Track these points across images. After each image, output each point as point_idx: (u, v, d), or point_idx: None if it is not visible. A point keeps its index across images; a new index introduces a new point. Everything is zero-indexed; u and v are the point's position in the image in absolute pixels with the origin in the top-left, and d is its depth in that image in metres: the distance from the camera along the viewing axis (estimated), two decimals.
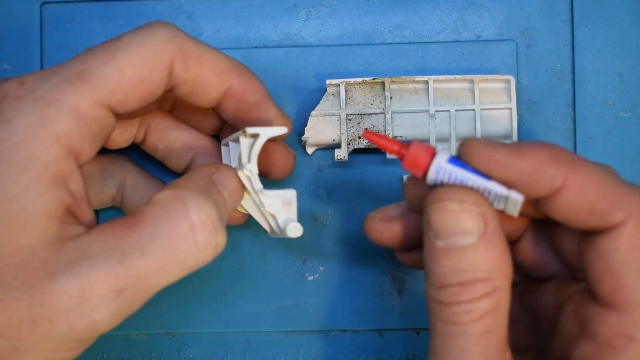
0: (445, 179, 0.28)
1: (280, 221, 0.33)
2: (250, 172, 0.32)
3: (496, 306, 0.27)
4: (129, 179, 0.37)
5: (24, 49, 0.40)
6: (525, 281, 0.33)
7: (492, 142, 0.28)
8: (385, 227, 0.33)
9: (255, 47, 0.41)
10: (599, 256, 0.27)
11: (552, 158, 0.27)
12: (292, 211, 0.33)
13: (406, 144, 0.29)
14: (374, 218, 0.33)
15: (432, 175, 0.28)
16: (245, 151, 0.32)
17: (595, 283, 0.27)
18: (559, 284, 0.31)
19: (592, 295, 0.27)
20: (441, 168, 0.28)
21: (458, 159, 0.28)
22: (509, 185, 0.27)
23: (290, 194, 0.33)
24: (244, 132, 0.32)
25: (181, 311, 0.40)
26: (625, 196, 0.26)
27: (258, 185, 0.33)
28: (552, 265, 0.32)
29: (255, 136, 0.32)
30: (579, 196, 0.26)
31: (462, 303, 0.27)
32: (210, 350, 0.40)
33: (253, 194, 0.33)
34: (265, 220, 0.34)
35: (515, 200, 0.27)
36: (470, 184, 0.28)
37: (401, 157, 0.29)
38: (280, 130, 0.32)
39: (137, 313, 0.39)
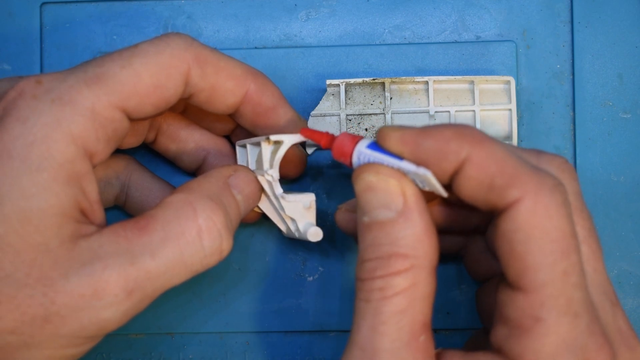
0: (365, 162, 0.30)
1: (301, 225, 0.33)
2: (272, 178, 0.33)
3: (412, 286, 0.27)
4: (134, 179, 0.37)
5: (24, 49, 0.41)
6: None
7: (403, 126, 0.29)
8: (351, 217, 0.34)
9: (255, 48, 0.41)
10: (503, 239, 0.27)
11: (456, 135, 0.27)
12: (312, 215, 0.34)
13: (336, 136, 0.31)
14: (341, 209, 0.34)
15: (355, 161, 0.30)
16: (267, 157, 0.33)
17: (505, 267, 0.27)
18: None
19: (505, 280, 0.27)
20: (361, 153, 0.30)
21: (377, 145, 0.29)
22: (420, 164, 0.28)
23: (309, 198, 0.34)
24: (268, 138, 0.32)
25: (181, 311, 0.40)
26: (524, 174, 0.26)
27: (279, 190, 0.33)
28: (495, 265, 0.33)
29: (277, 143, 0.32)
30: (480, 171, 0.27)
31: (376, 278, 0.27)
32: (209, 351, 0.40)
33: (273, 199, 0.34)
34: (282, 221, 0.35)
35: (424, 174, 0.28)
36: (385, 163, 0.29)
37: (330, 148, 0.31)
38: (303, 138, 0.32)
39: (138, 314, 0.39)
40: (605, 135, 0.40)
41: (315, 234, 0.33)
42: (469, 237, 0.35)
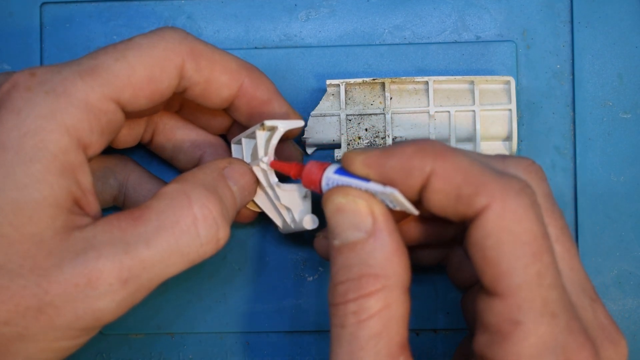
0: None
1: (297, 214, 0.33)
2: (266, 166, 0.33)
3: (386, 307, 0.27)
4: (132, 179, 0.37)
5: (24, 49, 0.41)
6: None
7: (366, 149, 0.29)
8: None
9: (255, 48, 0.41)
10: (476, 246, 0.27)
11: (418, 151, 0.27)
12: (307, 204, 0.34)
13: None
14: (319, 236, 0.34)
15: (324, 187, 0.30)
16: (262, 144, 0.33)
17: (480, 274, 0.27)
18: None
19: (482, 287, 0.27)
20: (329, 178, 0.30)
21: (344, 170, 0.30)
22: (386, 183, 0.28)
23: (305, 188, 0.34)
24: (262, 125, 0.32)
25: (181, 311, 0.40)
26: (489, 181, 0.26)
27: (274, 178, 0.33)
28: (472, 272, 0.33)
29: (272, 129, 0.32)
30: (446, 182, 0.27)
31: (349, 301, 0.27)
32: (209, 351, 0.40)
33: (268, 188, 0.34)
34: (279, 215, 0.34)
35: (392, 193, 0.28)
36: (353, 186, 0.29)
37: (300, 178, 0.31)
38: (297, 124, 0.33)
39: (137, 313, 0.39)
40: (605, 135, 0.40)
41: (311, 222, 0.33)
42: (448, 247, 0.35)
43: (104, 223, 0.29)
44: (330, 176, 0.30)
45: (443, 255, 0.35)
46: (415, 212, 0.29)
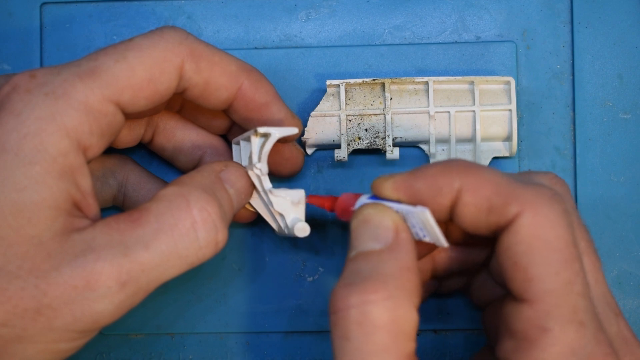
0: None
1: (289, 221, 0.33)
2: (260, 171, 0.33)
3: (393, 321, 0.26)
4: (131, 179, 0.37)
5: (24, 49, 0.41)
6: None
7: (393, 174, 0.29)
8: None
9: (255, 48, 0.41)
10: (506, 254, 0.27)
11: (445, 169, 0.28)
12: (301, 211, 0.34)
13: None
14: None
15: None
16: (256, 150, 0.33)
17: (509, 281, 0.27)
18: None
19: (510, 294, 0.27)
20: (363, 203, 0.30)
21: (376, 197, 0.30)
22: (418, 204, 0.29)
23: (299, 194, 0.34)
24: (255, 131, 0.32)
25: (181, 312, 0.40)
26: (519, 190, 0.27)
27: (267, 184, 0.33)
28: (498, 289, 0.33)
29: (266, 135, 0.32)
30: (476, 195, 0.27)
31: (352, 307, 0.26)
32: (209, 351, 0.40)
33: (262, 193, 0.34)
34: (274, 219, 0.34)
35: (422, 212, 0.28)
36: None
37: (334, 209, 0.32)
38: (291, 131, 0.33)
39: (137, 313, 0.39)
40: (605, 136, 0.40)
41: (301, 230, 0.33)
42: (474, 273, 0.35)
43: (102, 225, 0.29)
44: (364, 201, 0.30)
45: (468, 279, 0.36)
46: (445, 244, 0.29)
